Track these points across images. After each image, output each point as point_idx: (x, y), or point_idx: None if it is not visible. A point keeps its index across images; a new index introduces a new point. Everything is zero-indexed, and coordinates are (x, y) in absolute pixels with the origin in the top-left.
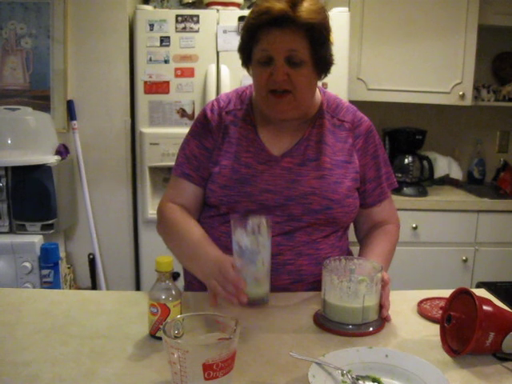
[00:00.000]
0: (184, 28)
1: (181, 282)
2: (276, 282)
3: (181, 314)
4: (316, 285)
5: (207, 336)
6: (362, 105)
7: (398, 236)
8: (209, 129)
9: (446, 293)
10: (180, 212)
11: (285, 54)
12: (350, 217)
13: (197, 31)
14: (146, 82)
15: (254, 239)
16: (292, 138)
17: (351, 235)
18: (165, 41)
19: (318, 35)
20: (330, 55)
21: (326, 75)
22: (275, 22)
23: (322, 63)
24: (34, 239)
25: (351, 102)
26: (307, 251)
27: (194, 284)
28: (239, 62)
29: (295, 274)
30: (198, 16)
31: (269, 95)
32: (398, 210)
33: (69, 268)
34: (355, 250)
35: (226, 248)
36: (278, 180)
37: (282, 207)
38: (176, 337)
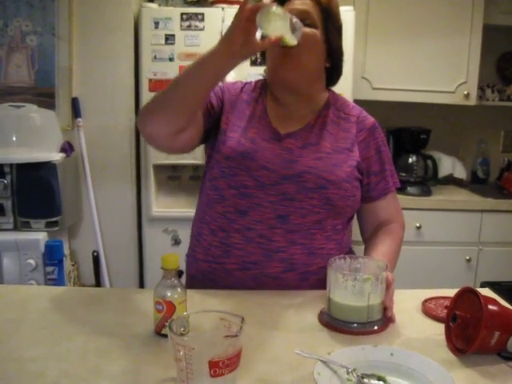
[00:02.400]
0: (189, 26)
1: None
2: (267, 270)
3: (186, 311)
4: (307, 275)
5: (213, 333)
6: (366, 104)
7: (403, 235)
8: (222, 91)
9: (451, 292)
10: None
11: (299, 15)
12: (346, 203)
13: (202, 29)
14: (150, 80)
15: None
16: (298, 124)
17: (356, 235)
18: (170, 39)
19: (332, 14)
20: (340, 43)
21: (333, 65)
22: None
23: (332, 42)
24: (39, 236)
25: (356, 101)
26: (300, 240)
27: (196, 278)
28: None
29: (287, 263)
30: (202, 14)
31: (278, 49)
32: (402, 209)
33: (73, 265)
34: (359, 249)
35: (222, 230)
36: (277, 159)
37: (276, 186)
38: (182, 334)
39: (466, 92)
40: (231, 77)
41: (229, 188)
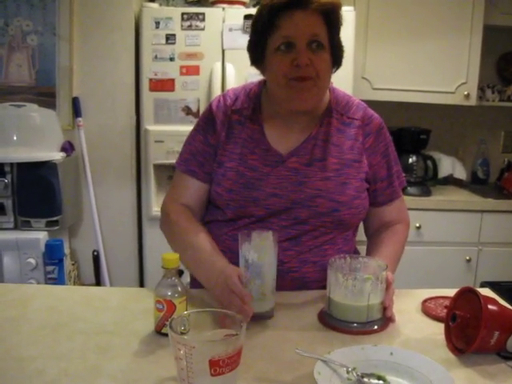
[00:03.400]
0: (190, 26)
1: (185, 279)
2: (278, 289)
3: (186, 310)
4: (319, 290)
5: (213, 332)
6: (366, 104)
7: (407, 235)
8: (213, 125)
9: (451, 292)
10: (185, 215)
11: (307, 38)
12: (358, 218)
13: (202, 29)
14: (151, 80)
15: (259, 253)
16: (299, 136)
17: (359, 235)
18: (170, 38)
19: (335, 19)
20: (341, 41)
21: (337, 67)
22: (298, 2)
23: (338, 51)
24: (39, 235)
25: None
26: (312, 258)
27: (198, 281)
28: (245, 60)
29: (299, 282)
30: (203, 14)
31: (291, 83)
32: None
33: (73, 264)
34: (362, 249)
35: (230, 250)
36: (284, 183)
37: (288, 211)
38: (182, 333)
39: (466, 92)
40: (232, 76)
41: (238, 218)
